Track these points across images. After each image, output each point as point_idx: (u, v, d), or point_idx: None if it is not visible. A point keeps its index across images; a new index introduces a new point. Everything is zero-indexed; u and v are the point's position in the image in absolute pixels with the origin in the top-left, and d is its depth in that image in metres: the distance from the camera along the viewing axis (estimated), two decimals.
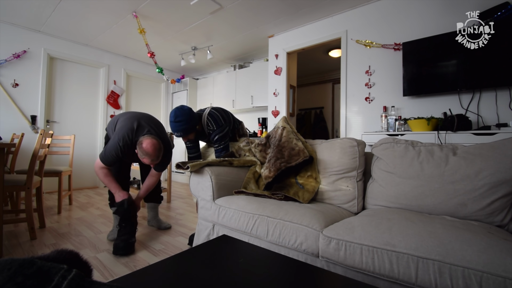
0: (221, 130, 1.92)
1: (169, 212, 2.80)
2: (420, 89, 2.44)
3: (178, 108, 1.85)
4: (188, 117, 1.83)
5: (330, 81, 5.38)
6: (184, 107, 1.86)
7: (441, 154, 1.24)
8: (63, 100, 4.01)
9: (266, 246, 1.23)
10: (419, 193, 1.21)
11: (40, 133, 1.94)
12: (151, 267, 0.70)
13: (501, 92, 2.12)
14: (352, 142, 1.47)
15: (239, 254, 0.81)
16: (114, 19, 3.30)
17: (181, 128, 1.82)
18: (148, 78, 5.13)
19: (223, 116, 1.99)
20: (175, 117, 1.81)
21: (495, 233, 0.89)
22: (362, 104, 2.88)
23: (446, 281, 0.77)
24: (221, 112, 2.01)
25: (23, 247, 1.78)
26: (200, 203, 1.60)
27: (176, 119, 1.81)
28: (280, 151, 1.62)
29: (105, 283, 0.37)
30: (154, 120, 1.96)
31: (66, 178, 3.29)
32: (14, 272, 0.32)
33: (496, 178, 1.07)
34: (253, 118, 4.68)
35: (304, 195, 1.44)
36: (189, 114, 1.85)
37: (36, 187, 2.13)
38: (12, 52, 3.43)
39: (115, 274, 1.44)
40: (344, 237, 0.99)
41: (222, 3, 2.87)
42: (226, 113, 2.06)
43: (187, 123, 1.83)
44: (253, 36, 3.75)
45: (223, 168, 1.67)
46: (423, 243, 0.84)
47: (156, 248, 1.80)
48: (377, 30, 2.78)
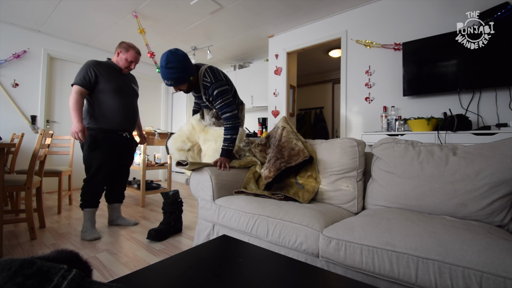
0: (220, 84, 1.66)
1: None
2: (420, 89, 2.44)
3: (171, 51, 1.57)
4: (182, 64, 1.58)
5: (330, 81, 5.38)
6: (179, 51, 1.59)
7: (441, 154, 1.24)
8: (63, 100, 4.01)
9: (266, 246, 1.23)
10: (419, 193, 1.21)
11: (40, 133, 1.94)
12: (151, 267, 0.70)
13: (501, 92, 2.12)
14: (352, 142, 1.47)
15: (239, 254, 0.81)
16: (114, 19, 3.30)
17: (173, 76, 1.58)
18: (148, 78, 5.13)
19: (226, 77, 1.79)
20: (167, 62, 1.55)
21: (495, 233, 0.89)
22: (362, 104, 2.88)
23: (446, 281, 0.77)
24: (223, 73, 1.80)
25: (23, 247, 1.78)
26: (200, 203, 1.60)
27: (167, 65, 1.55)
28: (280, 151, 1.62)
29: (105, 283, 0.37)
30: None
31: (66, 178, 3.29)
32: (14, 272, 0.32)
33: (496, 178, 1.07)
34: (253, 118, 4.68)
35: (304, 195, 1.44)
36: (184, 60, 1.59)
37: (36, 187, 2.13)
38: (12, 52, 3.43)
39: (115, 274, 1.44)
40: (344, 237, 0.99)
41: (222, 3, 2.87)
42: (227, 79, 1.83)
43: (180, 72, 1.58)
44: (253, 36, 3.75)
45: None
46: (423, 243, 0.84)
47: (156, 248, 1.80)
48: (377, 30, 2.78)
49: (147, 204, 3.12)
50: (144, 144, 2.60)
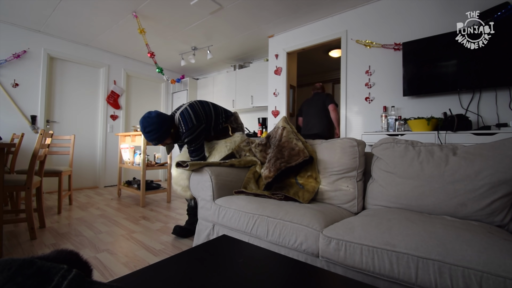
0: (191, 132, 1.76)
1: (169, 212, 2.80)
2: (420, 89, 2.44)
3: (144, 117, 1.74)
4: (157, 125, 1.72)
5: (330, 81, 5.38)
6: (151, 114, 1.74)
7: (441, 154, 1.24)
8: (63, 100, 4.01)
9: (266, 246, 1.23)
10: (419, 193, 1.21)
11: (40, 133, 1.93)
12: (151, 267, 0.70)
13: (501, 92, 2.12)
14: (352, 142, 1.47)
15: (239, 254, 0.81)
16: (114, 19, 3.30)
17: (154, 137, 1.73)
18: (148, 78, 5.13)
19: (198, 113, 1.80)
20: (144, 128, 1.72)
21: (495, 233, 0.89)
22: (362, 104, 2.88)
23: (446, 281, 0.77)
24: (196, 108, 1.82)
25: (23, 247, 1.78)
26: (200, 203, 1.60)
27: (145, 130, 1.72)
28: (280, 151, 1.62)
29: (105, 283, 0.37)
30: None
31: (66, 178, 3.29)
32: (14, 272, 0.32)
33: (496, 178, 1.07)
34: (253, 118, 4.68)
35: (304, 195, 1.44)
36: (158, 121, 1.73)
37: (36, 187, 2.13)
38: (12, 52, 3.43)
39: (115, 274, 1.44)
40: (344, 237, 0.99)
41: (222, 3, 2.87)
42: (204, 108, 1.87)
43: (158, 131, 1.73)
44: (253, 36, 3.75)
45: (223, 168, 1.67)
46: (423, 243, 0.84)
47: (156, 248, 1.80)
48: (377, 30, 2.78)
49: (147, 204, 3.12)
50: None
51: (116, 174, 4.46)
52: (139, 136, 3.09)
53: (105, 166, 4.41)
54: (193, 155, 1.84)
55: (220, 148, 1.94)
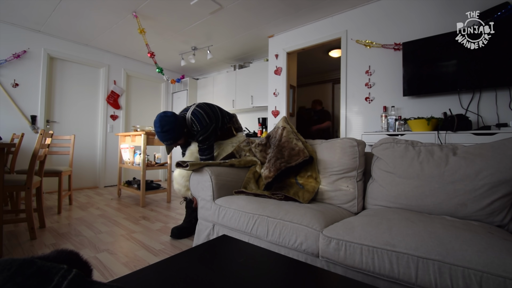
0: (205, 130, 1.80)
1: (169, 212, 2.80)
2: (420, 89, 2.44)
3: (161, 116, 1.73)
4: (174, 124, 1.72)
5: (330, 81, 5.38)
6: (167, 114, 1.74)
7: (441, 154, 1.24)
8: (63, 100, 4.01)
9: (266, 246, 1.23)
10: (419, 193, 1.21)
11: (40, 133, 1.94)
12: (151, 267, 0.70)
13: (501, 92, 2.12)
14: (352, 142, 1.47)
15: (239, 254, 0.81)
16: (114, 19, 3.30)
17: (170, 136, 1.73)
18: (148, 78, 5.13)
19: (208, 113, 1.85)
20: (162, 127, 1.69)
21: (495, 233, 0.89)
22: (362, 104, 2.88)
23: (446, 281, 0.77)
24: (205, 109, 1.87)
25: (23, 247, 1.78)
26: (200, 203, 1.60)
27: (163, 129, 1.69)
28: (280, 151, 1.62)
29: (105, 283, 0.37)
30: None
31: (66, 178, 3.29)
32: (14, 272, 0.32)
33: (496, 178, 1.07)
34: (253, 118, 4.68)
35: (304, 195, 1.44)
36: (175, 120, 1.73)
37: (36, 187, 2.13)
38: (12, 52, 3.43)
39: (115, 274, 1.44)
40: (344, 237, 0.99)
41: (222, 3, 2.87)
42: (212, 109, 1.91)
43: (175, 131, 1.73)
44: (253, 36, 3.75)
45: (223, 168, 1.67)
46: (423, 243, 0.84)
47: (156, 248, 1.80)
48: (377, 30, 2.78)
49: (147, 204, 3.12)
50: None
51: (116, 174, 4.46)
52: (139, 136, 3.09)
53: (105, 166, 4.41)
54: (205, 153, 1.86)
55: (227, 148, 2.00)
